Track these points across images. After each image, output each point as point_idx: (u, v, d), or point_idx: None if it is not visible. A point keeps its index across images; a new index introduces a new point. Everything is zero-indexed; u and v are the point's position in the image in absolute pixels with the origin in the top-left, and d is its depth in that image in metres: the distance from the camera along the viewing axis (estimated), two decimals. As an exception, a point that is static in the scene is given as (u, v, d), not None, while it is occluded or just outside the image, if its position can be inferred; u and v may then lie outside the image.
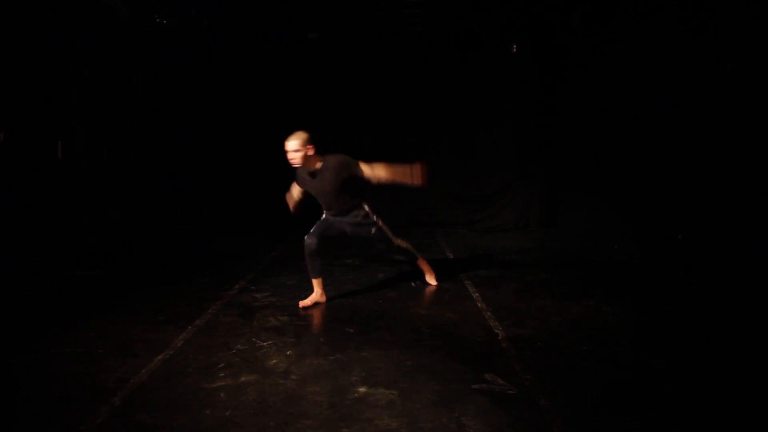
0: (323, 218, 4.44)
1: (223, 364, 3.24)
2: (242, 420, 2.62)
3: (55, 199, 5.36)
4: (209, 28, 7.28)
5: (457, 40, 7.74)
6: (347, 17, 7.32)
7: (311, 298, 4.40)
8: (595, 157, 7.34)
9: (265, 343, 3.58)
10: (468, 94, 7.86)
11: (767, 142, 5.13)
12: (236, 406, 2.75)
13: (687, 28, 5.90)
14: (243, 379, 3.06)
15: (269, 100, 7.63)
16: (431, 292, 4.79)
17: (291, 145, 4.01)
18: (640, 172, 6.85)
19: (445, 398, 2.84)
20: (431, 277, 4.99)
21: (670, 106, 6.39)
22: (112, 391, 2.88)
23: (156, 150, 6.97)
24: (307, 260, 4.37)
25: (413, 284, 5.02)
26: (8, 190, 4.84)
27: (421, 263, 4.98)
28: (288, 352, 3.44)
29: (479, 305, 4.39)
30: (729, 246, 5.53)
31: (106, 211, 6.08)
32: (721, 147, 5.70)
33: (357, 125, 7.73)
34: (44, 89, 5.26)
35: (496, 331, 3.82)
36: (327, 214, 4.44)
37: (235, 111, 7.66)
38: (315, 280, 4.42)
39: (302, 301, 4.36)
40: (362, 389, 2.94)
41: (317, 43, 7.74)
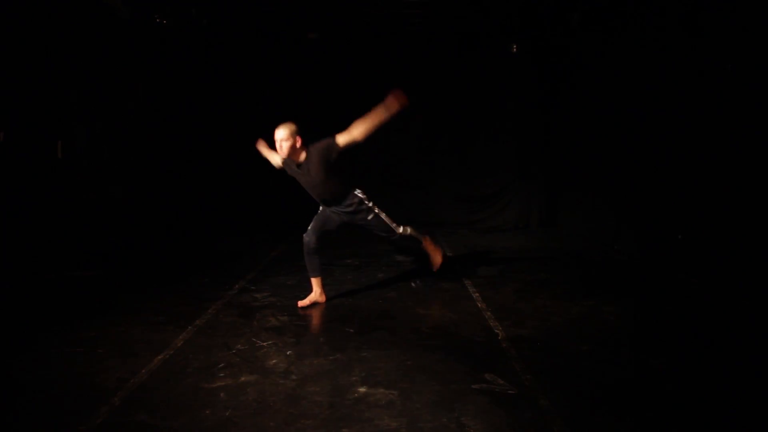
0: (319, 212, 4.43)
1: (223, 364, 3.24)
2: (242, 420, 2.62)
3: (55, 199, 5.37)
4: (209, 28, 7.28)
5: (457, 40, 7.75)
6: (347, 17, 7.32)
7: (310, 297, 4.39)
8: (595, 157, 7.34)
9: (265, 343, 3.58)
10: (468, 94, 7.86)
11: (767, 142, 5.13)
12: (236, 406, 2.75)
13: (687, 28, 5.90)
14: (243, 379, 3.06)
15: (269, 100, 7.62)
16: (431, 292, 4.79)
17: (280, 134, 4.05)
18: (640, 172, 6.84)
19: (445, 398, 2.84)
20: (437, 255, 4.87)
21: (670, 106, 6.39)
22: (112, 391, 2.88)
23: (156, 150, 6.97)
24: (306, 259, 4.36)
25: (413, 284, 5.02)
26: (8, 190, 4.84)
27: (426, 245, 4.85)
28: (288, 352, 3.44)
29: (479, 305, 4.39)
30: (729, 246, 5.52)
31: (106, 211, 6.08)
32: (721, 147, 5.70)
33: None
34: (44, 89, 5.26)
35: (496, 331, 3.82)
36: (322, 207, 4.42)
37: (235, 111, 7.66)
38: (314, 280, 4.42)
39: (301, 301, 4.36)
40: (362, 389, 2.94)
41: (317, 43, 7.74)
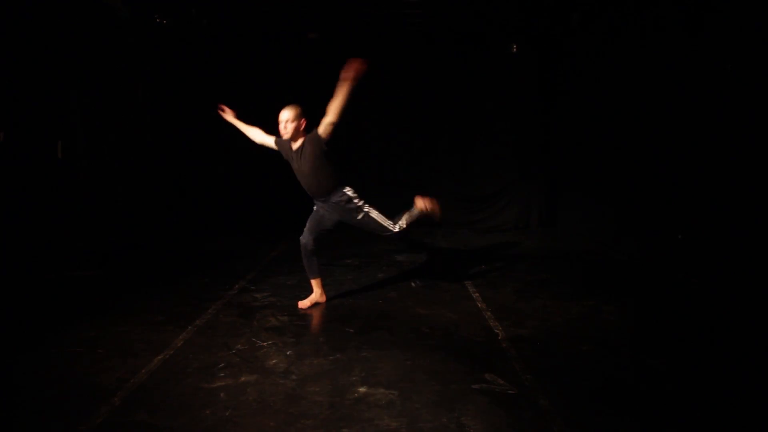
0: (313, 213, 4.35)
1: (223, 364, 3.24)
2: (242, 420, 2.62)
3: (55, 199, 5.37)
4: (209, 28, 7.28)
5: (457, 40, 7.74)
6: (347, 17, 7.31)
7: (310, 298, 4.39)
8: (595, 157, 7.34)
9: (265, 343, 3.58)
10: (468, 93, 7.86)
11: (767, 142, 5.13)
12: (236, 406, 2.76)
13: (687, 28, 5.90)
14: (243, 379, 3.06)
15: (269, 100, 7.61)
16: (431, 292, 4.79)
17: (285, 115, 4.03)
18: (640, 172, 6.84)
19: (445, 398, 2.84)
20: (434, 207, 4.46)
21: (670, 106, 6.39)
22: (112, 391, 2.88)
23: (156, 150, 6.97)
24: (304, 261, 4.34)
25: (413, 284, 5.03)
26: (8, 190, 4.84)
27: (422, 210, 4.41)
28: (288, 352, 3.44)
29: (479, 305, 4.39)
30: (729, 246, 5.52)
31: (106, 211, 6.08)
32: (721, 147, 5.70)
33: (357, 125, 7.72)
34: (44, 89, 5.26)
35: (496, 331, 3.82)
36: (316, 204, 4.33)
37: (235, 111, 7.66)
38: (314, 281, 4.41)
39: (301, 302, 4.36)
40: (362, 389, 2.94)
41: (317, 43, 7.74)
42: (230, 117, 4.68)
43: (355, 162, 7.68)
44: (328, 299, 4.51)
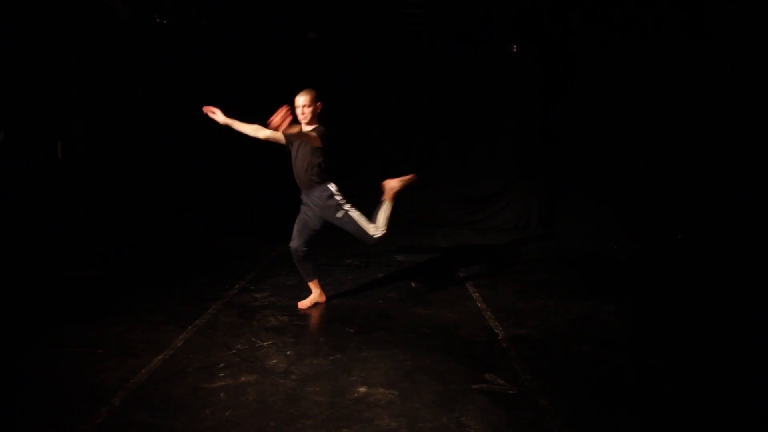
0: (298, 217, 4.26)
1: (223, 364, 3.24)
2: (242, 420, 2.62)
3: (55, 199, 5.36)
4: (209, 28, 7.28)
5: (457, 40, 7.74)
6: (347, 17, 7.31)
7: (310, 299, 4.38)
8: (595, 157, 7.34)
9: (265, 343, 3.58)
10: (468, 93, 7.85)
11: (767, 142, 5.13)
12: (236, 406, 2.76)
13: (687, 28, 5.90)
14: (243, 379, 3.06)
15: (269, 100, 7.61)
16: (431, 292, 4.79)
17: (301, 101, 3.98)
18: (640, 172, 6.85)
19: (445, 398, 2.84)
20: (399, 184, 4.20)
21: (670, 106, 6.39)
22: (112, 391, 2.88)
23: (156, 150, 6.96)
24: (297, 266, 4.32)
25: (413, 284, 5.02)
26: (8, 190, 4.84)
27: (391, 199, 4.18)
28: (288, 352, 3.44)
29: (479, 305, 4.39)
30: (729, 246, 5.53)
31: (106, 211, 6.07)
32: (721, 147, 5.70)
33: (356, 125, 7.73)
34: (44, 89, 5.26)
35: (496, 331, 3.82)
36: (301, 202, 4.23)
37: (235, 111, 7.65)
38: (311, 283, 4.40)
39: (300, 303, 4.35)
40: (362, 389, 2.94)
41: (317, 43, 7.74)
42: (221, 117, 4.36)
43: (354, 162, 7.67)
44: (328, 299, 4.50)
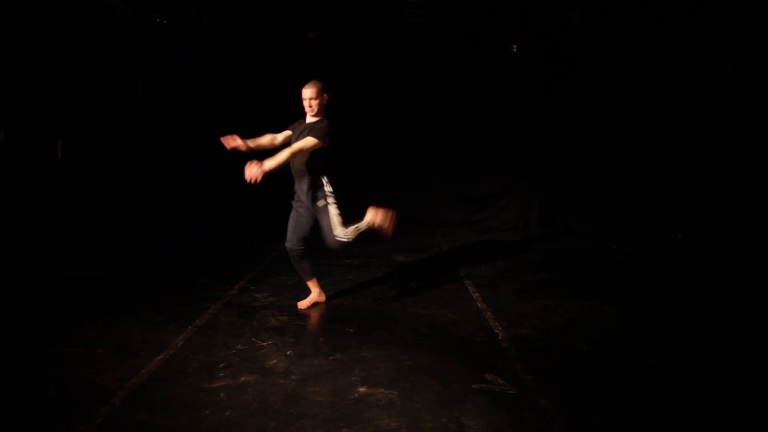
0: (290, 217, 4.23)
1: (223, 364, 3.24)
2: (242, 420, 2.62)
3: (55, 199, 5.36)
4: (209, 28, 7.28)
5: (457, 40, 7.74)
6: (347, 17, 7.31)
7: (309, 299, 4.38)
8: (595, 157, 7.34)
9: (265, 343, 3.58)
10: (468, 93, 7.86)
11: (767, 142, 5.13)
12: (236, 406, 2.76)
13: (687, 28, 5.90)
14: (243, 379, 3.06)
15: (269, 100, 7.62)
16: (431, 292, 4.79)
17: (308, 93, 3.94)
18: (640, 172, 6.85)
19: (445, 398, 2.84)
20: (385, 220, 4.12)
21: (670, 106, 6.40)
22: (112, 391, 2.88)
23: (156, 150, 6.96)
24: (295, 266, 4.31)
25: (413, 284, 5.03)
26: (8, 189, 4.84)
27: (372, 224, 4.09)
28: (288, 352, 3.44)
29: (479, 305, 4.39)
30: (729, 246, 5.53)
31: (106, 211, 6.08)
32: (721, 147, 5.70)
33: (357, 125, 7.73)
34: (44, 89, 5.26)
35: (496, 331, 3.82)
36: (293, 206, 4.21)
37: (235, 111, 7.66)
38: (309, 282, 4.40)
39: (300, 303, 4.35)
40: (362, 389, 2.94)
41: (317, 43, 7.74)
42: (241, 142, 4.05)
43: (354, 163, 7.67)
44: (328, 299, 4.50)
